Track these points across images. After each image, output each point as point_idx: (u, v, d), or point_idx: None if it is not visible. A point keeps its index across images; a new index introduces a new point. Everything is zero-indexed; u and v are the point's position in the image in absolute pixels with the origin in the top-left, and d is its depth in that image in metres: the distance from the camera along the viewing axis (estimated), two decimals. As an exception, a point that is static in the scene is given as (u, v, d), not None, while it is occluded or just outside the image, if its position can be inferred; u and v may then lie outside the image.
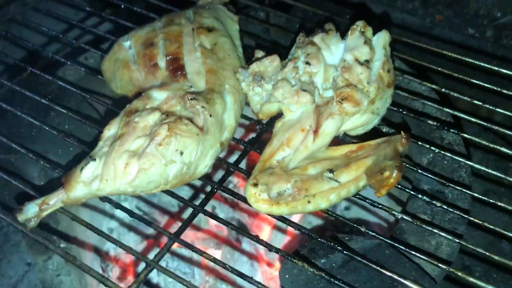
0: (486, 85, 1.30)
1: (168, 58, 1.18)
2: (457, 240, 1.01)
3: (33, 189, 1.07)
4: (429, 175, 1.14)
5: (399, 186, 1.07)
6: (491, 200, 1.06)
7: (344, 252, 0.97)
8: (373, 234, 1.01)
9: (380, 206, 1.06)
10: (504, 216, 1.41)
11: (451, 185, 1.11)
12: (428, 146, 1.19)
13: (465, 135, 1.22)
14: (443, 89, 1.32)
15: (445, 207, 1.07)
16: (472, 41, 2.11)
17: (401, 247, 0.99)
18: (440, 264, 0.96)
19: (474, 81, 1.31)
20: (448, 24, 2.20)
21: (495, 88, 1.29)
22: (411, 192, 1.12)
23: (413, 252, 0.97)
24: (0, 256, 1.64)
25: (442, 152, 1.17)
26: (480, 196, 1.08)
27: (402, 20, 2.21)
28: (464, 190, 1.11)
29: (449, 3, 2.19)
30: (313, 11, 1.59)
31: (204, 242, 1.73)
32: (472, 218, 1.05)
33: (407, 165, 1.14)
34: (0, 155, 1.26)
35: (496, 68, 1.34)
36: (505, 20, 2.09)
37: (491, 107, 1.23)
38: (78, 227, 1.40)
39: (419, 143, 1.20)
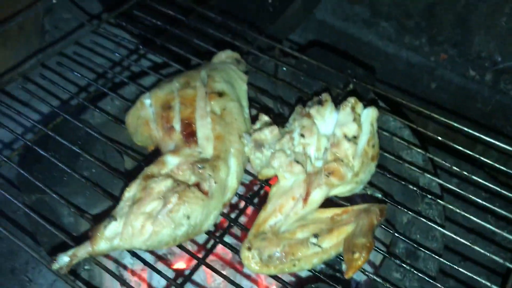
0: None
1: (183, 122, 1.37)
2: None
3: (61, 232, 1.28)
4: (403, 238, 1.31)
5: (376, 248, 1.24)
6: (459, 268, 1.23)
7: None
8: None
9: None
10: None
11: (422, 249, 1.28)
12: (405, 210, 1.36)
13: (444, 203, 1.38)
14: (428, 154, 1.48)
15: (413, 270, 1.24)
16: (472, 85, 2.24)
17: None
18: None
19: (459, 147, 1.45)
20: (451, 64, 2.32)
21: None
22: (385, 254, 1.29)
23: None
24: (32, 265, 1.88)
25: (418, 217, 1.34)
26: (449, 263, 1.25)
27: (407, 60, 2.34)
28: (433, 255, 1.28)
29: (455, 43, 2.29)
30: (318, 65, 1.75)
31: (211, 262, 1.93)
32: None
33: (384, 227, 1.31)
34: (36, 195, 1.48)
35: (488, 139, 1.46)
36: (504, 66, 2.20)
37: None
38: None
39: (398, 207, 1.37)
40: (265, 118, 1.45)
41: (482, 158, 1.39)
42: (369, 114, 1.36)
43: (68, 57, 1.82)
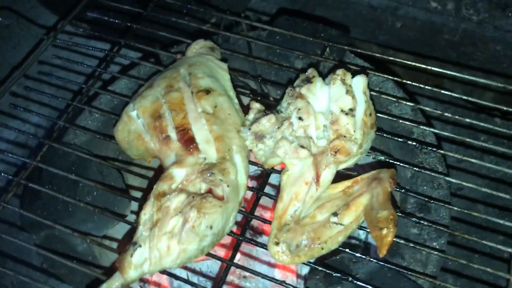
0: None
1: (178, 130, 1.34)
2: (440, 254, 1.25)
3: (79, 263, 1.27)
4: (413, 195, 1.36)
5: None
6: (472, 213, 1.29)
7: (356, 282, 1.21)
8: (376, 261, 1.24)
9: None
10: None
11: (433, 202, 1.34)
12: (408, 166, 1.40)
13: (443, 152, 1.42)
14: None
15: (427, 224, 1.30)
16: (436, 17, 2.25)
17: (400, 269, 1.23)
18: (431, 279, 1.21)
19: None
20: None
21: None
22: (400, 215, 1.34)
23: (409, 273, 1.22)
24: None
25: (423, 171, 1.39)
26: (459, 209, 1.31)
27: (368, 3, 2.32)
28: (444, 205, 1.33)
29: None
30: (291, 35, 1.72)
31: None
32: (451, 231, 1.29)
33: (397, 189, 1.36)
34: (45, 231, 1.44)
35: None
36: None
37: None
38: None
39: (401, 164, 1.41)
40: (257, 105, 1.44)
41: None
42: (359, 83, 1.36)
43: (33, 78, 1.72)
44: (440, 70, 1.49)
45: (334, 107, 1.32)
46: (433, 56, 2.27)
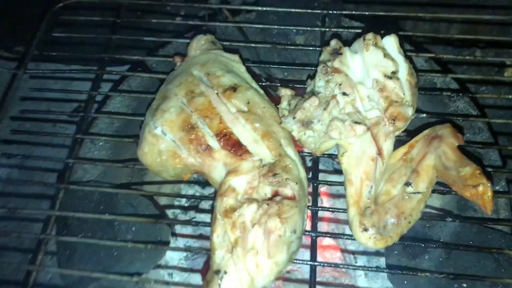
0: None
1: (218, 137, 1.20)
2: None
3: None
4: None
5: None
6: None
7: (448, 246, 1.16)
8: (451, 219, 1.20)
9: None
10: None
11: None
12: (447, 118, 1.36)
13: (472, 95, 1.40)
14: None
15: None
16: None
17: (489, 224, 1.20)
18: None
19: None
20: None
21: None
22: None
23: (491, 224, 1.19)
24: None
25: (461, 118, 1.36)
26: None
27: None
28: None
29: None
30: (284, 11, 1.61)
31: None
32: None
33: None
34: (93, 284, 1.26)
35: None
36: None
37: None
38: None
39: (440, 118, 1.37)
40: (288, 92, 1.33)
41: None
42: (392, 43, 1.29)
43: (20, 118, 1.50)
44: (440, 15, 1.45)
45: (375, 74, 1.24)
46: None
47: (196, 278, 1.61)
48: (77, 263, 1.24)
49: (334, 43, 1.34)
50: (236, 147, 1.19)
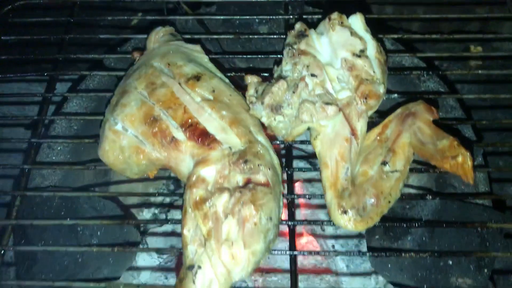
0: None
1: (184, 128, 1.14)
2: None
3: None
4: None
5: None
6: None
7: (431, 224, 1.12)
8: (431, 198, 1.16)
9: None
10: None
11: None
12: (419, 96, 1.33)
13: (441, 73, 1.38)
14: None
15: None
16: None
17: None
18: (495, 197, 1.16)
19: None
20: None
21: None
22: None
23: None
24: None
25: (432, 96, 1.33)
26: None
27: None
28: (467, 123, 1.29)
29: None
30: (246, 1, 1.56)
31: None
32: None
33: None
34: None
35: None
36: None
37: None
38: None
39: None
40: (254, 79, 1.28)
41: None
42: (358, 22, 1.25)
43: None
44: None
45: (343, 53, 1.20)
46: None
47: (172, 279, 1.53)
48: (38, 274, 1.14)
49: (299, 25, 1.30)
50: (203, 136, 1.13)
